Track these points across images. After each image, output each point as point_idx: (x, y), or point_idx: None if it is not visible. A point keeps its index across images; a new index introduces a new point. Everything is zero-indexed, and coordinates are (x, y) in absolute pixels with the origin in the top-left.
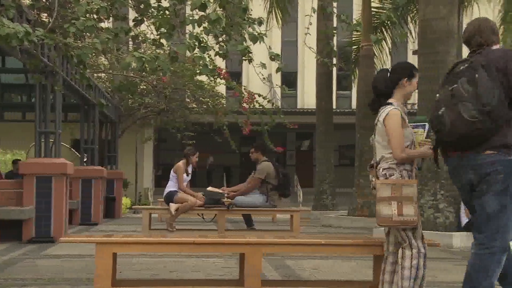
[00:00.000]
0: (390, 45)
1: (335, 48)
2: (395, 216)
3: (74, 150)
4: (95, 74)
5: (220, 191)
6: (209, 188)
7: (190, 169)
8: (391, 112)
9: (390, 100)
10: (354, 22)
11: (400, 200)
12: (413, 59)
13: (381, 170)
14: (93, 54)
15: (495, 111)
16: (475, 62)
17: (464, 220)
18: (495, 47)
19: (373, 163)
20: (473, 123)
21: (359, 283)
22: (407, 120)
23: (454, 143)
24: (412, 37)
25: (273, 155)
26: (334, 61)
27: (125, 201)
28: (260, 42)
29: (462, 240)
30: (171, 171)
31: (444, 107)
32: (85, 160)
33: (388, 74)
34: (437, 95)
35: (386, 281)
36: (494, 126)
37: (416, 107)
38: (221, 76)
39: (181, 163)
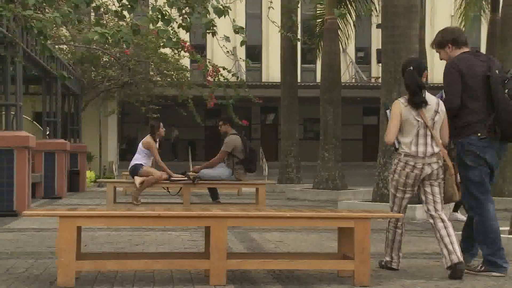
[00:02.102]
0: (354, 19)
1: (298, 22)
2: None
3: (36, 123)
4: (56, 46)
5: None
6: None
7: (157, 145)
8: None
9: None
10: None
11: None
12: (377, 33)
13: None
14: (54, 26)
15: None
16: None
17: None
18: None
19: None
20: None
21: (324, 255)
22: None
23: None
24: (376, 10)
25: (242, 129)
26: (298, 35)
27: (89, 174)
28: (224, 16)
29: (424, 213)
30: (140, 145)
31: None
32: (47, 133)
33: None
34: None
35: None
36: None
37: (380, 80)
38: (185, 49)
39: (150, 139)
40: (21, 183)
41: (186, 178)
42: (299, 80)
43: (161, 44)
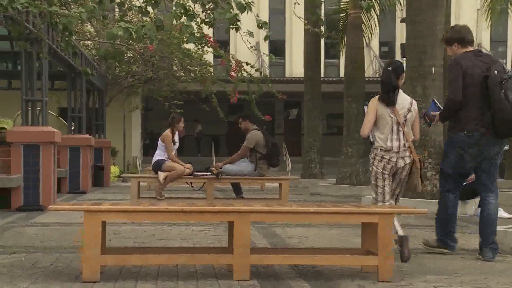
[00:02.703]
0: (378, 13)
1: (322, 16)
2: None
3: (61, 119)
4: (81, 42)
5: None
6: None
7: (176, 138)
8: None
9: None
10: None
11: None
12: (401, 27)
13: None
14: (79, 22)
15: None
16: None
17: None
18: None
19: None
20: None
21: (347, 251)
22: None
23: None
24: (401, 4)
25: (263, 124)
26: (322, 29)
27: (114, 169)
28: (247, 12)
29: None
30: (159, 140)
31: None
32: (72, 128)
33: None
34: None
35: None
36: None
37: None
38: (209, 44)
39: (168, 132)
40: (46, 178)
41: (210, 173)
42: (322, 75)
43: (185, 39)
